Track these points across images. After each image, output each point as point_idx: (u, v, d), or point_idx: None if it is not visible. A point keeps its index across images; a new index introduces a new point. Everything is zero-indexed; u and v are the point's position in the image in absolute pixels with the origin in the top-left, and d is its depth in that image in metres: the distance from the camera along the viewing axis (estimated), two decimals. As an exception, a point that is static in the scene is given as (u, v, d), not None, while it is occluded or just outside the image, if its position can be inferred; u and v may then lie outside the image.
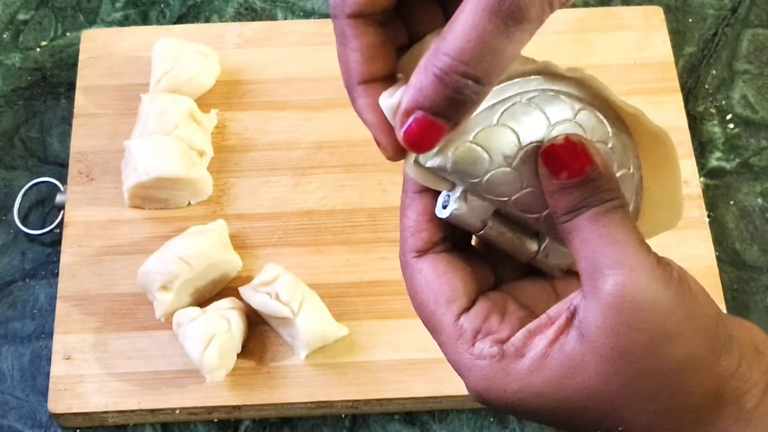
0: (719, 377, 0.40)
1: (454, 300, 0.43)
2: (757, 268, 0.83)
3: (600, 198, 0.41)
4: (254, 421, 0.78)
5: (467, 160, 0.42)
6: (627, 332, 0.39)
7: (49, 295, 0.82)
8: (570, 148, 0.41)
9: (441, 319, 0.43)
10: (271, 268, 0.77)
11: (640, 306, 0.39)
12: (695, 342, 0.39)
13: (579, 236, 0.41)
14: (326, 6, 0.96)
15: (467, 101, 0.39)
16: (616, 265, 0.39)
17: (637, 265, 0.39)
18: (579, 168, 0.41)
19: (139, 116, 0.83)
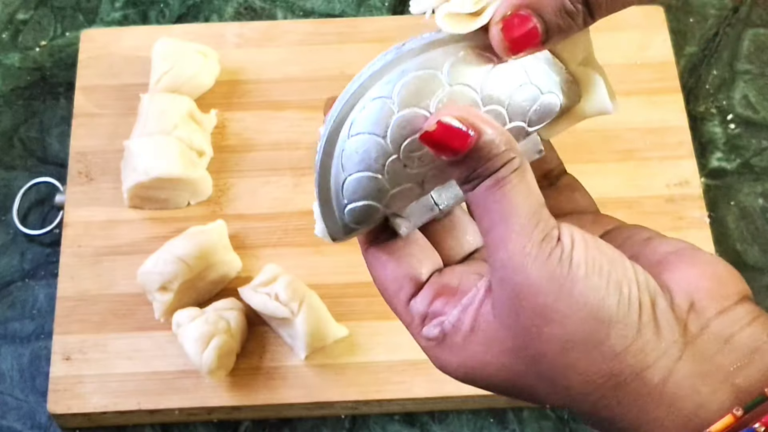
0: (611, 353, 0.38)
1: (400, 287, 0.44)
2: (758, 268, 0.83)
3: (488, 168, 0.40)
4: (254, 422, 0.78)
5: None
6: (513, 312, 0.39)
7: (48, 296, 0.82)
8: (444, 131, 0.40)
9: (396, 307, 0.44)
10: (270, 269, 0.77)
11: (518, 287, 0.39)
12: (575, 320, 0.38)
13: (476, 210, 0.41)
14: (326, 6, 0.96)
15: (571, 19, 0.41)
16: (502, 244, 0.39)
17: (517, 246, 0.39)
18: (459, 146, 0.40)
19: (139, 116, 0.83)
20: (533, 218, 0.39)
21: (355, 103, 0.42)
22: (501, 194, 0.40)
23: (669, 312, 0.39)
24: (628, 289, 0.39)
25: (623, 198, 0.83)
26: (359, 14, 0.96)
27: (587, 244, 0.39)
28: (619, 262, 0.40)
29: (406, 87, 0.41)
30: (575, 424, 0.77)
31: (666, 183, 0.84)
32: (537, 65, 0.43)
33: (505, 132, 0.41)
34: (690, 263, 0.41)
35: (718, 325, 0.39)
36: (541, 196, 0.41)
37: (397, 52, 0.42)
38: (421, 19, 0.51)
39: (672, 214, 0.82)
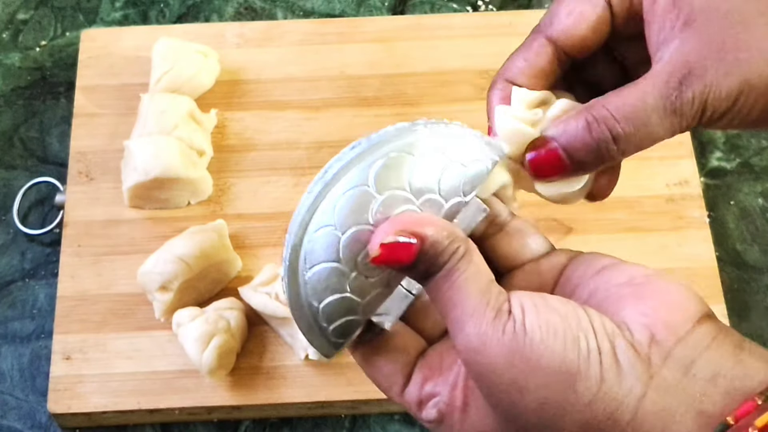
0: (581, 405, 0.40)
1: (392, 383, 0.46)
2: (758, 268, 0.83)
3: (437, 265, 0.42)
4: (254, 421, 0.78)
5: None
6: (487, 390, 0.42)
7: (48, 295, 0.82)
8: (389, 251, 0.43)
9: (396, 400, 0.46)
10: (270, 268, 0.77)
11: (482, 368, 0.41)
12: (541, 386, 0.40)
13: (433, 300, 0.43)
14: (326, 5, 0.96)
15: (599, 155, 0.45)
16: (459, 328, 0.41)
17: (473, 327, 0.41)
18: (406, 258, 0.42)
19: (139, 116, 0.83)
20: (483, 298, 0.41)
21: (303, 236, 0.45)
22: (451, 283, 0.42)
23: (630, 350, 0.40)
24: (585, 341, 0.40)
25: (623, 198, 0.83)
26: (359, 14, 0.96)
27: (537, 309, 0.41)
28: (572, 315, 0.41)
29: (342, 209, 0.44)
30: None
31: (666, 183, 0.84)
32: (453, 142, 0.45)
33: (444, 225, 0.43)
34: (644, 295, 0.43)
35: (678, 353, 0.40)
36: (489, 273, 0.43)
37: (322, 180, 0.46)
38: (422, 18, 0.53)
39: (672, 214, 0.82)
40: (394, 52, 0.90)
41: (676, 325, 0.41)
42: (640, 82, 0.44)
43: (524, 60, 0.48)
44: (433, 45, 0.90)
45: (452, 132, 0.45)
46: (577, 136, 0.45)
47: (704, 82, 0.43)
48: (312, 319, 0.45)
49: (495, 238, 0.48)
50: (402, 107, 0.87)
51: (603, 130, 0.44)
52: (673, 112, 0.44)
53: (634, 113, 0.44)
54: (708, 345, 0.41)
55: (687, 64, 0.44)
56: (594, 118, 0.44)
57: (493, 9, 0.96)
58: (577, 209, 0.82)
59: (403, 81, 0.88)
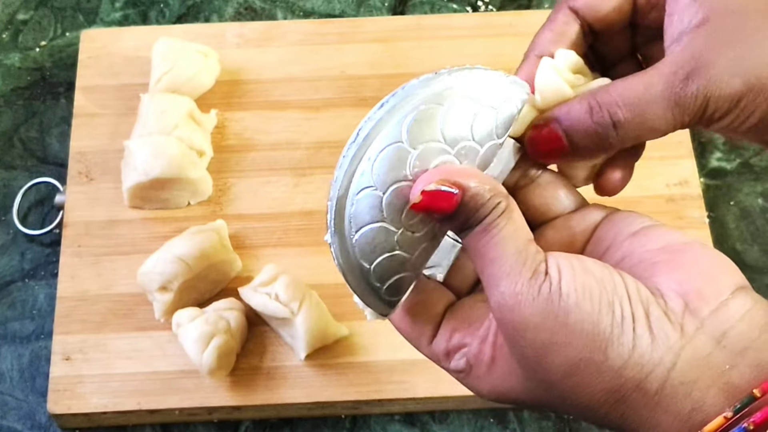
0: (611, 371, 0.40)
1: (420, 334, 0.47)
2: (758, 268, 0.83)
3: (478, 217, 0.42)
4: (254, 422, 0.78)
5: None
6: (517, 348, 0.42)
7: (48, 296, 0.82)
8: (430, 198, 0.43)
9: (423, 351, 0.47)
10: (270, 269, 0.77)
11: (515, 326, 0.41)
12: (573, 347, 0.40)
13: (470, 254, 0.43)
14: (326, 6, 0.96)
15: (598, 140, 0.45)
16: (494, 286, 0.42)
17: (507, 286, 0.41)
18: (447, 207, 0.42)
19: (139, 116, 0.83)
20: (520, 257, 0.41)
21: (345, 200, 0.45)
22: (489, 238, 0.42)
23: (663, 318, 0.40)
24: (620, 307, 0.40)
25: (623, 198, 0.82)
26: (359, 14, 0.96)
27: (575, 271, 0.41)
28: (608, 280, 0.41)
29: (379, 169, 0.44)
30: (576, 424, 0.77)
31: (666, 183, 0.84)
32: (480, 85, 0.45)
33: (486, 179, 0.43)
34: (678, 263, 0.42)
35: (711, 324, 0.40)
36: (528, 232, 0.43)
37: (355, 143, 0.45)
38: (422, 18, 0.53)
39: (672, 214, 0.82)
40: (394, 53, 0.90)
41: (710, 296, 0.41)
42: (648, 72, 0.45)
43: (551, 31, 0.48)
44: (433, 45, 0.90)
45: (477, 76, 0.45)
46: (579, 119, 0.45)
47: (709, 78, 0.43)
48: (365, 281, 0.45)
49: (526, 190, 0.48)
50: (402, 107, 0.87)
51: (604, 114, 0.44)
52: (676, 105, 0.44)
53: (637, 100, 0.44)
54: (741, 317, 0.41)
55: (695, 59, 0.44)
56: (597, 102, 0.45)
57: (493, 9, 0.96)
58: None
59: (404, 81, 0.87)
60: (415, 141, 0.44)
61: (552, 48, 0.48)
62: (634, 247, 0.44)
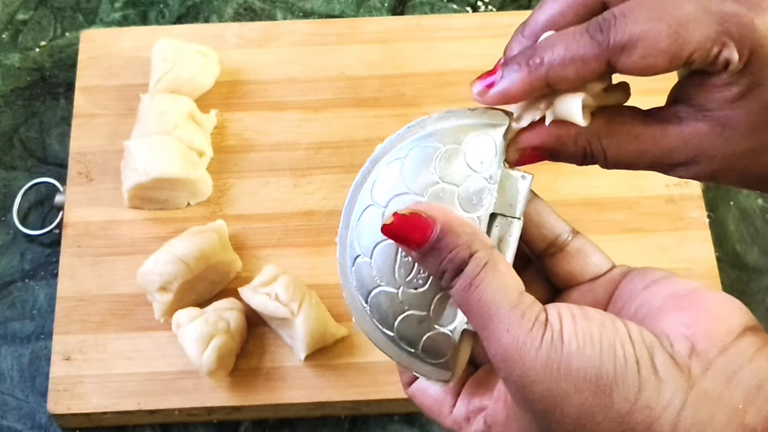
0: (618, 417, 0.39)
1: (442, 406, 0.47)
2: (758, 269, 0.83)
3: (454, 259, 0.42)
4: (253, 422, 0.78)
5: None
6: (525, 401, 0.41)
7: (48, 296, 0.82)
8: (400, 221, 0.42)
9: (445, 423, 0.47)
10: (270, 269, 0.77)
11: (520, 380, 0.40)
12: (580, 396, 0.39)
13: (461, 309, 0.43)
14: (326, 6, 0.96)
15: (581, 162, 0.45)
16: (495, 341, 0.41)
17: (509, 338, 0.40)
18: (420, 238, 0.42)
19: (139, 116, 0.83)
20: (517, 310, 0.41)
21: (348, 278, 0.45)
22: (478, 295, 0.42)
23: (669, 361, 0.40)
24: (622, 349, 0.40)
25: (623, 198, 0.83)
26: (359, 15, 0.96)
27: (575, 319, 0.41)
28: (608, 324, 0.41)
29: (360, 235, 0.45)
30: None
31: (666, 183, 0.84)
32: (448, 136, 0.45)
33: (466, 222, 0.43)
34: (686, 306, 0.42)
35: (721, 364, 0.40)
36: (519, 283, 0.42)
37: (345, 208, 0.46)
38: (422, 19, 0.52)
39: (671, 215, 0.82)
40: (394, 53, 0.90)
41: (718, 336, 0.40)
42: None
43: (544, 13, 0.47)
44: (433, 46, 0.90)
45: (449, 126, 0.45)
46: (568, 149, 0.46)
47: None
48: (399, 348, 0.45)
49: (555, 259, 0.48)
50: (402, 108, 0.87)
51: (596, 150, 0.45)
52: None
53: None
54: (752, 356, 0.40)
55: None
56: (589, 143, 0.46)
57: (493, 9, 0.96)
58: (577, 209, 0.82)
59: (403, 82, 0.88)
60: (383, 199, 0.44)
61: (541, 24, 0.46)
62: (647, 297, 0.44)
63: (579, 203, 0.82)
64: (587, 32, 0.42)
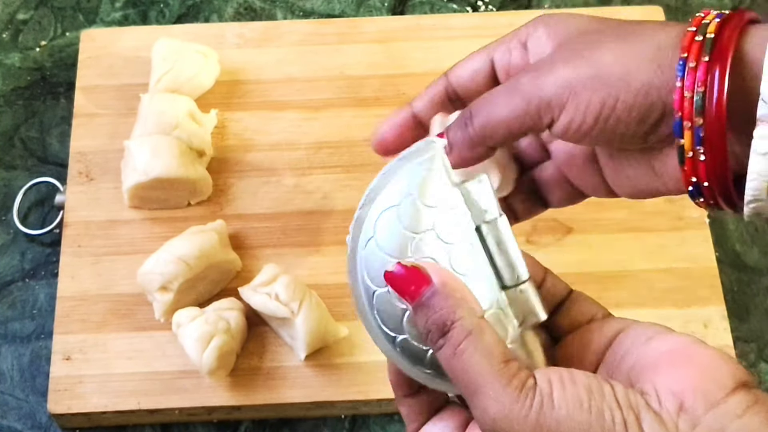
0: None
1: None
2: (758, 269, 0.83)
3: (439, 321, 0.43)
4: (254, 422, 0.78)
5: None
6: None
7: (48, 295, 0.82)
8: (404, 272, 0.43)
9: None
10: (270, 269, 0.77)
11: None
12: None
13: (449, 374, 0.43)
14: (326, 6, 0.96)
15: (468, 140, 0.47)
16: (482, 409, 0.41)
17: (496, 408, 0.41)
18: (413, 291, 0.43)
19: (139, 116, 0.83)
20: (502, 377, 0.41)
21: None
22: (462, 363, 0.42)
23: (656, 422, 0.40)
24: (610, 414, 0.40)
25: (623, 198, 0.83)
26: (359, 14, 0.96)
27: (563, 383, 0.41)
28: (596, 389, 0.41)
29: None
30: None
31: (665, 183, 0.84)
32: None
33: (461, 287, 0.44)
34: (679, 363, 0.42)
35: (708, 421, 0.40)
36: (506, 351, 0.43)
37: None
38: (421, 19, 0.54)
39: (671, 214, 0.82)
40: (394, 53, 0.90)
41: (707, 393, 0.41)
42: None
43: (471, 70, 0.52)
44: (433, 45, 0.90)
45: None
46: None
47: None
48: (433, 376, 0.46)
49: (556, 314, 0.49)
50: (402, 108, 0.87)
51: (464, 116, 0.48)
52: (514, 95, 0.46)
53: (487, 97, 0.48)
54: (741, 414, 0.40)
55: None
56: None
57: (492, 9, 0.96)
58: (577, 209, 0.82)
59: (403, 81, 0.88)
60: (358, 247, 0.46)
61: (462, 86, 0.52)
62: (645, 352, 0.44)
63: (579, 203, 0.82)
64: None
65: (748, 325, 0.81)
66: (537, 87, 0.45)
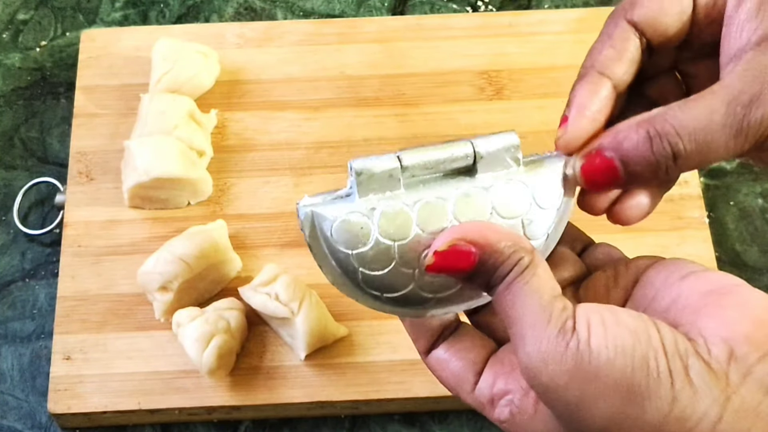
0: (650, 426, 0.38)
1: (463, 383, 0.46)
2: (758, 269, 0.83)
3: (499, 275, 0.41)
4: (254, 422, 0.78)
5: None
6: (551, 406, 0.41)
7: (48, 295, 0.82)
8: (443, 259, 0.42)
9: (465, 399, 0.47)
10: (270, 269, 0.77)
11: (544, 388, 0.40)
12: (607, 402, 0.38)
13: (498, 313, 0.42)
14: (326, 6, 0.96)
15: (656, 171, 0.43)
16: (521, 345, 0.40)
17: (534, 345, 0.40)
18: (463, 267, 0.42)
19: (139, 116, 0.83)
20: (544, 314, 0.40)
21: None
22: (512, 296, 0.41)
23: (704, 371, 0.38)
24: (655, 362, 0.38)
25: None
26: (359, 14, 0.96)
27: (605, 326, 0.39)
28: (642, 332, 0.39)
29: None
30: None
31: (665, 183, 0.84)
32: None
33: (507, 234, 0.42)
34: (725, 306, 0.40)
35: (759, 371, 0.38)
36: (555, 287, 0.41)
37: None
38: (422, 19, 0.52)
39: (671, 214, 0.82)
40: (394, 53, 0.90)
41: (758, 341, 0.39)
42: (707, 97, 0.42)
43: (611, 47, 0.46)
44: (433, 45, 0.90)
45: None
46: (637, 149, 0.43)
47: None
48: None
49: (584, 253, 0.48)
50: (402, 107, 0.87)
51: (665, 146, 0.42)
52: (738, 133, 0.41)
53: (699, 131, 0.41)
54: None
55: (758, 82, 0.41)
56: (657, 132, 0.42)
57: (493, 9, 0.96)
58: (577, 209, 0.82)
59: (403, 81, 0.88)
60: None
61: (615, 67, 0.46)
62: (683, 290, 0.42)
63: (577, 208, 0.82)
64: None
65: (748, 324, 0.81)
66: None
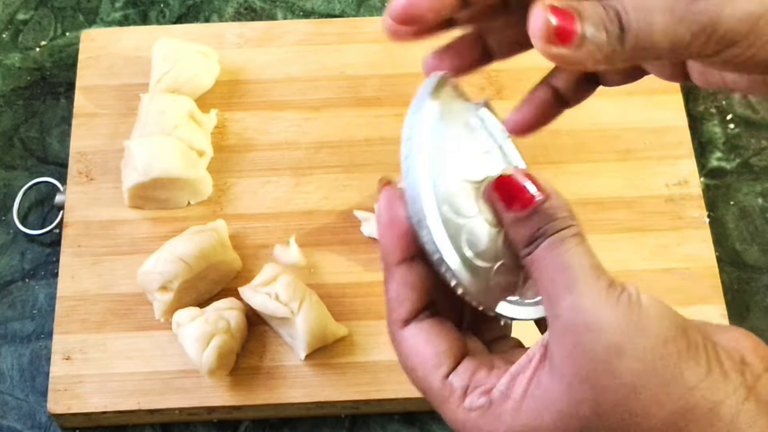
0: (683, 388, 0.39)
1: (441, 364, 0.44)
2: (758, 268, 0.83)
3: (554, 226, 0.42)
4: (254, 422, 0.78)
5: None
6: (581, 355, 0.40)
7: (48, 296, 0.82)
8: (518, 179, 0.43)
9: (431, 383, 0.44)
10: (270, 269, 0.77)
11: (588, 327, 0.39)
12: (648, 355, 0.39)
13: (538, 267, 0.42)
14: (326, 6, 0.96)
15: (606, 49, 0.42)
16: (567, 291, 0.40)
17: (585, 290, 0.40)
18: (530, 197, 0.42)
19: (139, 116, 0.83)
20: (595, 271, 0.41)
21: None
22: (563, 250, 0.41)
23: (729, 359, 0.40)
24: (693, 336, 0.40)
25: (623, 198, 0.83)
26: (359, 14, 0.96)
27: (651, 297, 0.41)
28: (679, 314, 0.41)
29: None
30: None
31: (665, 183, 0.84)
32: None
33: (569, 206, 0.43)
34: (725, 330, 0.43)
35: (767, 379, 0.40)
36: (600, 261, 0.42)
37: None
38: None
39: (671, 214, 0.82)
40: (394, 53, 0.90)
41: (763, 355, 0.41)
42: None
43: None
44: (433, 45, 0.90)
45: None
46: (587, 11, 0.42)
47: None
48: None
49: None
50: (402, 107, 0.86)
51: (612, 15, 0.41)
52: (681, 20, 0.40)
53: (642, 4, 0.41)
54: None
55: None
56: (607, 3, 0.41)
57: (492, 9, 0.96)
58: (577, 209, 0.82)
59: (403, 81, 0.88)
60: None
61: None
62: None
63: (579, 202, 0.82)
64: None
65: (748, 323, 0.80)
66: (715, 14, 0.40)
